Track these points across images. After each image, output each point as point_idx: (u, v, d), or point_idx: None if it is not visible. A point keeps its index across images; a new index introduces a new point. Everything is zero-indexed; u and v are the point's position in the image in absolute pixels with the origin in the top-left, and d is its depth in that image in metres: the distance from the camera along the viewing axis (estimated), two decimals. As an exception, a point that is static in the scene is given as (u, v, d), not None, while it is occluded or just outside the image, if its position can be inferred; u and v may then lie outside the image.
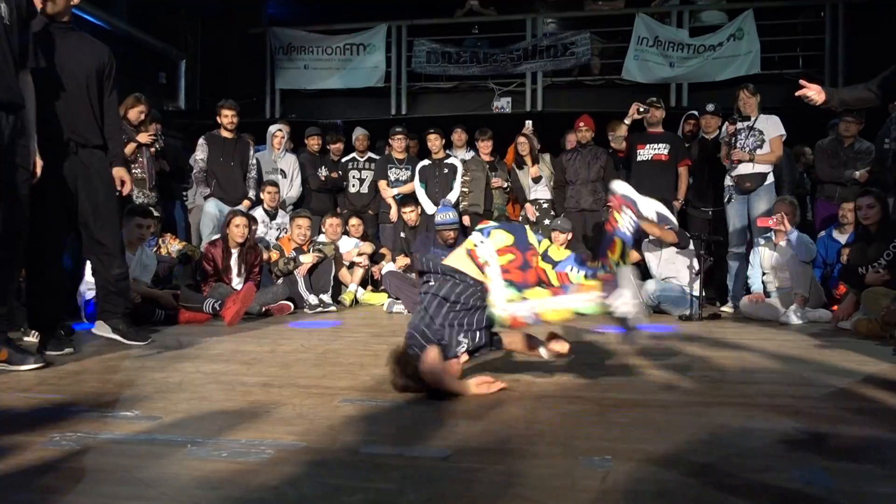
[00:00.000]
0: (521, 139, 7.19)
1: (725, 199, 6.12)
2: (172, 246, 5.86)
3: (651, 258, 6.10)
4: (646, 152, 6.45)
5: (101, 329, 3.82)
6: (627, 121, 6.41)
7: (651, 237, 5.98)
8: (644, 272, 6.15)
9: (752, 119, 6.00)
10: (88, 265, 4.06)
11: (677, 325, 5.10)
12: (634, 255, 6.04)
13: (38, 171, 3.24)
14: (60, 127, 3.51)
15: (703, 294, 5.57)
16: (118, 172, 3.80)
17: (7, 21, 2.96)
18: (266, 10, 11.07)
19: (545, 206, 7.22)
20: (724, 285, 6.34)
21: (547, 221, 7.05)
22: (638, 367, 3.24)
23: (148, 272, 5.15)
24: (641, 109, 6.35)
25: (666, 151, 6.43)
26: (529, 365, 3.17)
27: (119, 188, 3.81)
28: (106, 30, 8.23)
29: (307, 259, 6.01)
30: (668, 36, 9.30)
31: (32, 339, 3.59)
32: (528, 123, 7.51)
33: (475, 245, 2.62)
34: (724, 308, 6.12)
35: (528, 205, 7.22)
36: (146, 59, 9.38)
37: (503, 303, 2.47)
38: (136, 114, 5.82)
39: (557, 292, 2.54)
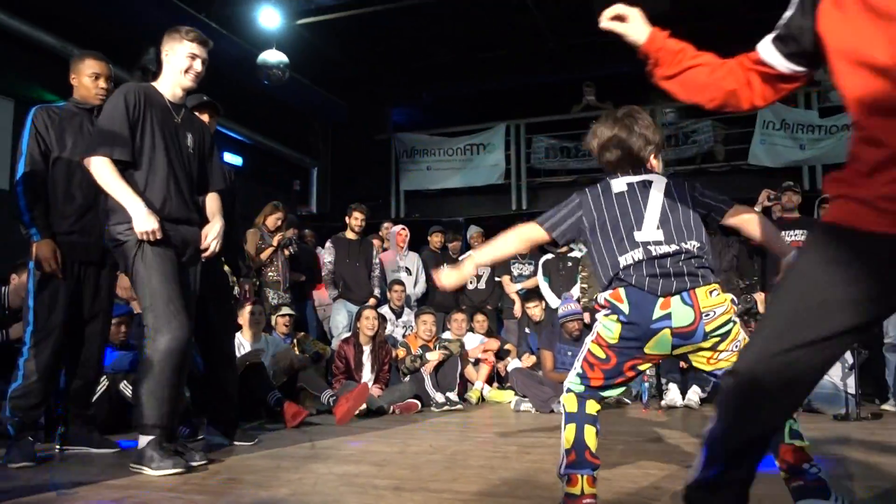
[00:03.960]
0: None
1: (877, 288, 5.66)
2: (305, 345, 6.06)
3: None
4: (782, 239, 6.12)
5: (210, 433, 3.91)
6: (757, 208, 6.16)
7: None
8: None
9: None
10: None
11: (832, 426, 4.67)
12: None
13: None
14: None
15: (860, 391, 5.09)
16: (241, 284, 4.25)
17: (191, 150, 3.31)
18: (391, 118, 11.71)
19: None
20: (882, 380, 5.78)
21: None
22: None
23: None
24: (772, 196, 6.09)
25: (804, 238, 6.08)
26: (666, 468, 2.97)
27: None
28: (246, 143, 8.97)
29: (433, 356, 6.04)
30: (796, 118, 8.99)
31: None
32: None
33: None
34: (885, 406, 5.55)
35: None
36: (282, 168, 10.10)
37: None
38: (273, 220, 6.21)
39: None
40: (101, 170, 3.03)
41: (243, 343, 5.11)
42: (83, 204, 3.41)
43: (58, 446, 3.60)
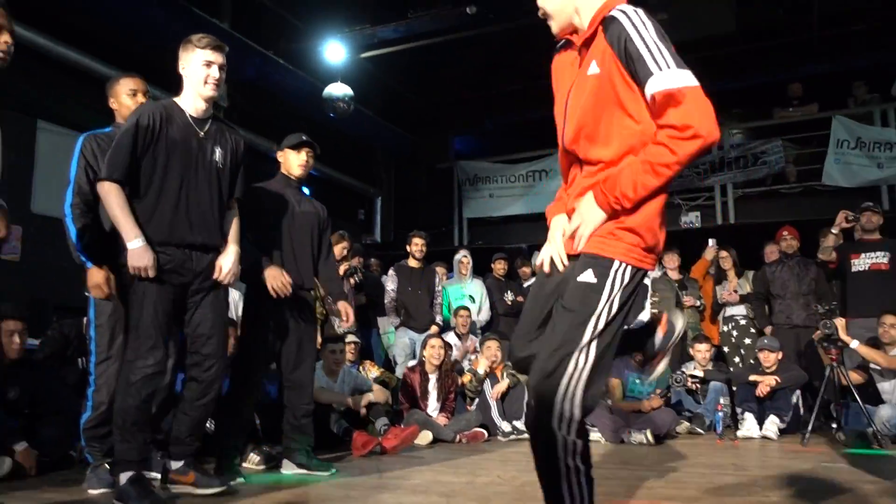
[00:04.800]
0: (723, 253, 6.88)
1: (969, 311, 5.36)
2: (371, 373, 6.09)
3: (882, 381, 5.40)
4: (862, 262, 5.88)
5: (287, 467, 3.91)
6: (835, 230, 5.94)
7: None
8: (874, 396, 5.45)
9: None
10: None
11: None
12: (855, 377, 5.40)
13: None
14: (289, 270, 3.81)
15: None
16: (342, 306, 4.13)
17: (220, 164, 3.21)
18: (453, 146, 11.80)
19: (743, 323, 6.74)
20: None
21: (747, 340, 6.55)
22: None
23: (360, 390, 5.41)
24: (850, 217, 5.86)
25: (886, 260, 5.82)
26: (736, 499, 2.84)
27: (343, 319, 4.14)
28: (312, 174, 9.15)
29: (501, 386, 5.98)
30: (873, 136, 8.65)
31: (252, 465, 3.83)
32: (711, 243, 7.19)
33: None
34: None
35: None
36: (347, 198, 10.28)
37: None
38: (339, 249, 6.30)
39: None
40: (107, 195, 2.94)
41: (321, 379, 5.16)
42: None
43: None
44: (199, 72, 3.10)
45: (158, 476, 3.38)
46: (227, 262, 3.17)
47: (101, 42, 6.48)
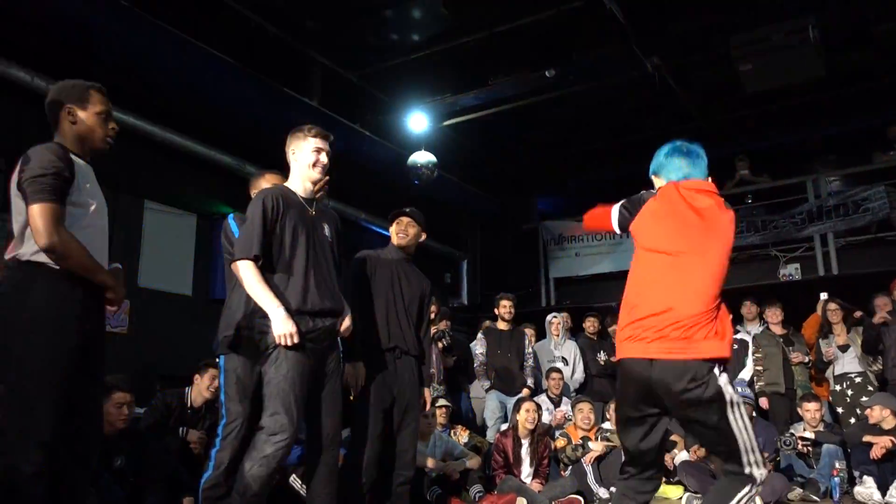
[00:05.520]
0: (832, 305, 6.52)
1: None
2: (462, 437, 6.02)
3: None
4: (983, 312, 5.45)
5: None
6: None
7: None
8: None
9: None
10: None
11: None
12: None
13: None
14: (394, 335, 3.97)
15: None
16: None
17: (330, 240, 3.45)
18: (537, 207, 11.82)
19: (858, 380, 6.31)
20: None
21: (864, 398, 6.12)
22: None
23: (452, 455, 5.38)
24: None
25: None
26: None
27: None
28: (401, 241, 9.33)
29: (596, 447, 5.79)
30: (983, 177, 8.13)
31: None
32: (823, 297, 6.83)
33: None
34: None
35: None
36: (434, 262, 10.40)
37: None
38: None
39: None
40: (245, 273, 3.15)
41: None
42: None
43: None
44: (310, 157, 3.38)
45: None
46: (345, 318, 3.38)
47: (200, 123, 6.91)
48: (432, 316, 6.42)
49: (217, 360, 3.66)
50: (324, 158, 3.40)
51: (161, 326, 6.40)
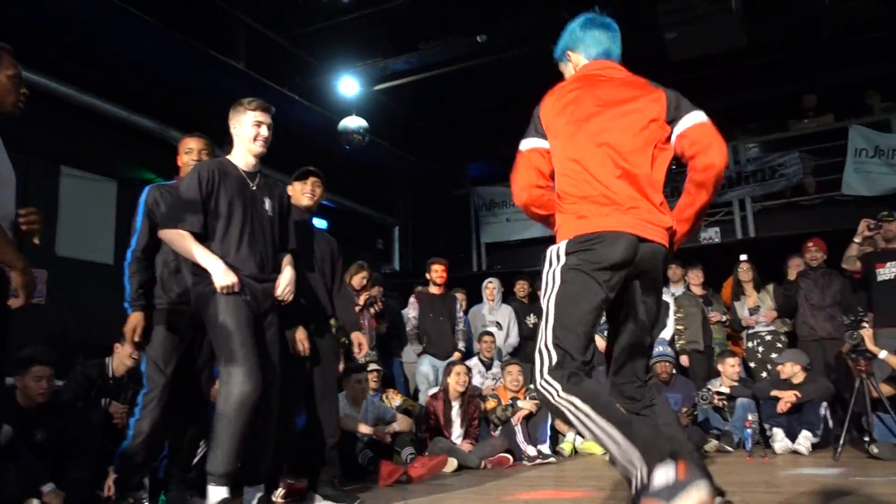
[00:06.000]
0: (745, 266, 6.81)
1: None
2: (394, 401, 6.08)
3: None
4: (887, 271, 5.80)
5: (315, 500, 3.89)
6: (857, 239, 5.89)
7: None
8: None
9: None
10: None
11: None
12: (886, 389, 5.30)
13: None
14: (308, 300, 3.92)
15: None
16: (356, 337, 4.19)
17: (271, 213, 3.46)
18: (468, 173, 11.86)
19: (768, 338, 6.65)
20: None
21: (774, 355, 6.46)
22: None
23: (384, 419, 5.45)
24: (872, 226, 5.80)
25: (915, 268, 5.74)
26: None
27: (356, 350, 4.21)
28: (330, 207, 9.26)
29: (525, 405, 5.94)
30: (891, 143, 8.58)
31: (278, 499, 3.84)
32: (743, 258, 7.12)
33: None
34: None
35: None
36: (365, 228, 10.36)
37: None
38: (359, 280, 6.34)
39: None
40: (177, 239, 3.21)
41: (345, 408, 5.17)
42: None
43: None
44: (250, 131, 3.39)
45: None
46: (284, 280, 3.40)
47: (120, 86, 6.64)
48: (364, 282, 6.42)
49: None
50: (264, 132, 3.40)
51: (80, 296, 6.18)
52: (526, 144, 2.48)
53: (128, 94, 6.68)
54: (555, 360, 2.11)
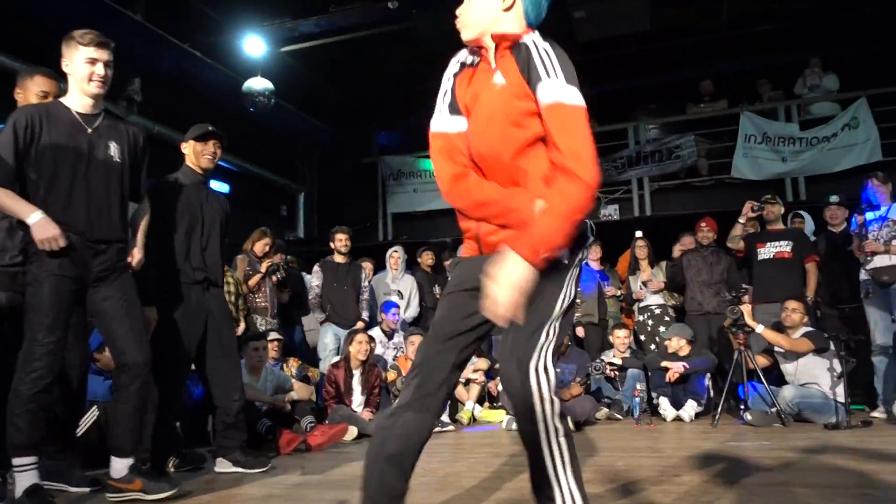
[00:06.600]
0: (640, 242, 7.09)
1: (863, 295, 5.70)
2: (294, 369, 6.03)
3: (785, 363, 5.70)
4: (767, 251, 6.20)
5: (222, 466, 3.87)
6: (742, 219, 6.25)
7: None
8: (778, 378, 5.76)
9: (885, 208, 5.66)
10: None
11: (824, 435, 4.68)
12: (761, 360, 5.69)
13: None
14: (201, 265, 3.81)
15: (849, 399, 5.11)
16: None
17: (118, 159, 3.15)
18: (377, 142, 11.76)
19: (657, 311, 6.98)
20: (871, 388, 5.82)
21: (662, 328, 6.80)
22: (783, 486, 2.97)
23: (284, 388, 5.42)
24: (755, 207, 6.17)
25: (789, 248, 6.15)
26: (658, 482, 2.97)
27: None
28: (233, 170, 8.98)
29: (424, 378, 6.01)
30: (777, 131, 9.11)
31: (170, 468, 3.75)
32: (638, 234, 7.42)
33: None
34: (874, 413, 5.59)
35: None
36: (269, 194, 10.11)
37: None
38: (261, 246, 6.21)
39: None
40: None
41: (244, 377, 5.07)
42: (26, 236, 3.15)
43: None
44: (83, 69, 3.03)
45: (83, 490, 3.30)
46: (138, 246, 3.24)
47: (6, 31, 6.17)
48: (266, 249, 6.29)
49: None
50: (100, 70, 3.04)
51: None
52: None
53: (14, 39, 6.21)
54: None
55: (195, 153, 3.92)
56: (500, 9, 1.92)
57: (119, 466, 3.08)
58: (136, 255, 3.23)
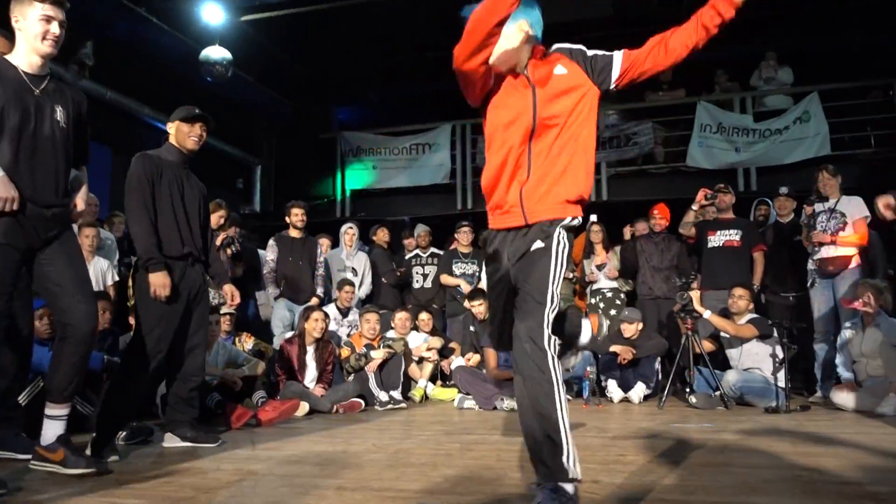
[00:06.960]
0: (595, 227, 7.18)
1: (808, 284, 5.89)
2: (247, 344, 5.98)
3: (730, 348, 5.87)
4: (717, 238, 6.34)
5: (171, 441, 3.83)
6: (695, 207, 6.37)
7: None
8: (723, 362, 5.93)
9: (834, 201, 5.84)
10: None
11: (764, 418, 4.84)
12: (707, 345, 5.84)
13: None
14: (187, 240, 3.79)
15: (790, 385, 5.30)
16: (229, 289, 4.11)
17: (63, 124, 3.05)
18: (336, 117, 11.63)
19: (609, 295, 7.09)
20: (811, 374, 6.04)
21: (613, 311, 6.92)
22: (723, 466, 3.07)
23: (235, 363, 5.41)
24: (708, 196, 6.29)
25: (738, 237, 6.30)
26: (604, 461, 3.05)
27: (230, 302, 4.15)
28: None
29: (378, 355, 6.03)
30: (732, 122, 9.29)
31: (119, 441, 3.70)
32: (594, 218, 7.51)
33: None
34: (812, 399, 5.80)
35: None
36: (225, 166, 9.93)
37: None
38: (216, 218, 6.10)
39: None
40: None
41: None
42: None
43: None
44: (36, 27, 2.90)
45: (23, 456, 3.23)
46: (81, 196, 3.17)
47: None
48: (221, 222, 6.21)
49: None
50: (55, 29, 2.92)
51: None
52: None
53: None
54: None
55: (181, 133, 3.86)
56: None
57: (49, 434, 3.01)
58: (80, 205, 3.17)
